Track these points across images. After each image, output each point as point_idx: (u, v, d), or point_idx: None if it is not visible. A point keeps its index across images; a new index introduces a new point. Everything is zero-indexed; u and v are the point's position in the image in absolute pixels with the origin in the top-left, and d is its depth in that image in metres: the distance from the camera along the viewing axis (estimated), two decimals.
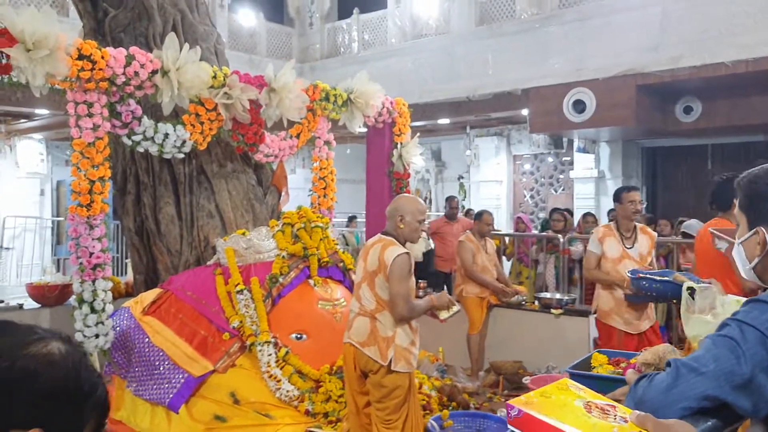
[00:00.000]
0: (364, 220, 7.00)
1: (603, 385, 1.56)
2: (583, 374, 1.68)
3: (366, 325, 3.36)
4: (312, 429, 4.15)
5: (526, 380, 3.65)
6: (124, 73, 4.27)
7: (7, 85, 4.23)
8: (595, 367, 1.71)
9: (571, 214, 8.15)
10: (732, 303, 2.41)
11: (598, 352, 1.81)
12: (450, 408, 4.55)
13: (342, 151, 7.84)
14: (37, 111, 9.02)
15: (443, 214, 8.97)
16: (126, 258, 8.41)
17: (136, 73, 4.32)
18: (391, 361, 3.29)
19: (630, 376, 1.42)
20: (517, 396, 1.06)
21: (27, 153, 11.33)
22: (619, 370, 1.65)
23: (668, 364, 1.31)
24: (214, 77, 4.73)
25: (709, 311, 2.54)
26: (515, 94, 9.70)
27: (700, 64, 7.84)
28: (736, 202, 1.53)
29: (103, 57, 4.16)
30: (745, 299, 1.95)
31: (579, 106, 8.77)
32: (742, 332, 1.27)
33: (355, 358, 3.40)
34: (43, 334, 0.96)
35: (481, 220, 6.05)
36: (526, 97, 9.49)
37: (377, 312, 3.34)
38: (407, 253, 3.29)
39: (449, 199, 8.59)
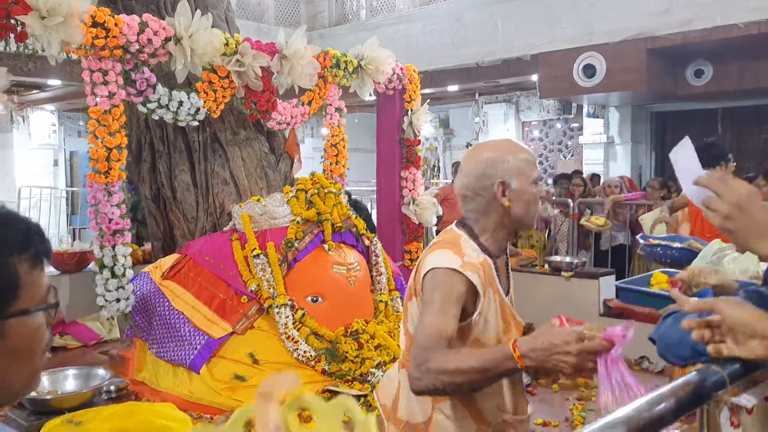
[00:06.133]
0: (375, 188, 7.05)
1: (653, 301, 1.54)
2: (632, 288, 1.67)
3: (394, 379, 1.91)
4: (329, 387, 4.28)
5: None
6: (137, 41, 4.31)
7: (23, 55, 4.29)
8: (653, 285, 1.70)
9: (583, 179, 8.20)
10: (746, 258, 2.43)
11: (660, 271, 1.78)
12: None
13: (350, 121, 7.85)
14: (50, 82, 9.06)
15: (452, 181, 9.02)
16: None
17: (150, 41, 4.36)
18: None
19: (675, 294, 1.35)
20: None
21: (39, 124, 11.42)
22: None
23: None
24: (226, 44, 4.76)
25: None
26: (524, 60, 9.63)
27: (712, 26, 7.76)
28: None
29: (116, 24, 4.19)
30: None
31: (589, 70, 8.72)
32: None
33: None
34: None
35: None
36: (536, 63, 9.43)
37: (405, 364, 1.82)
38: (456, 270, 1.69)
39: (455, 165, 8.65)
